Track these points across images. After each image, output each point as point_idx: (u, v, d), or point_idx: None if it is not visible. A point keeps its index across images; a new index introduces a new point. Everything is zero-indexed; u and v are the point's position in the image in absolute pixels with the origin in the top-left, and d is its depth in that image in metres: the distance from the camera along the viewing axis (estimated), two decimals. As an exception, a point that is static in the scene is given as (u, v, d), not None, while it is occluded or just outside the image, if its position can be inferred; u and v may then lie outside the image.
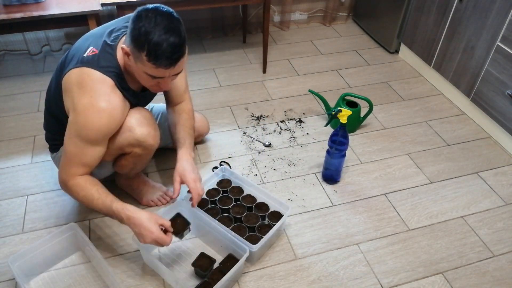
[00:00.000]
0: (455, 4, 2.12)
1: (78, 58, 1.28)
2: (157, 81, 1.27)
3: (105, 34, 1.32)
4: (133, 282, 1.42)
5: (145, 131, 1.38)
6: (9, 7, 1.95)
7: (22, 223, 1.59)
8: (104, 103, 1.25)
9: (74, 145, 1.29)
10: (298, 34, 2.91)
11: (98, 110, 1.24)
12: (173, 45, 1.16)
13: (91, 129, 1.26)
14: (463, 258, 1.52)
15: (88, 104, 1.24)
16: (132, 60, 1.24)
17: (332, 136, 1.67)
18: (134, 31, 1.17)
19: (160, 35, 1.15)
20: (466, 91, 2.16)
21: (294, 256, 1.51)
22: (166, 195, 1.67)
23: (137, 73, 1.27)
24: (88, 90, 1.24)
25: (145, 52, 1.16)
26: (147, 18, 1.16)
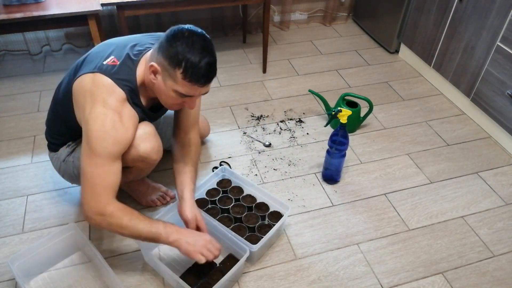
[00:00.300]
0: (455, 4, 2.12)
1: (96, 64, 1.26)
2: (183, 100, 1.27)
3: (128, 47, 1.31)
4: (133, 282, 1.42)
5: (149, 147, 1.37)
6: (9, 7, 1.95)
7: (22, 223, 1.59)
8: (115, 112, 1.23)
9: (95, 166, 1.22)
10: (298, 34, 2.91)
11: (112, 120, 1.22)
12: (210, 64, 1.20)
13: (108, 141, 1.22)
14: (463, 258, 1.53)
15: (101, 114, 1.21)
16: (160, 79, 1.23)
17: (332, 136, 1.67)
18: (170, 48, 1.18)
19: (198, 54, 1.17)
20: (466, 91, 2.16)
21: (294, 256, 1.51)
22: (166, 195, 1.67)
23: (163, 92, 1.26)
24: (100, 99, 1.22)
25: (181, 70, 1.18)
26: (184, 37, 1.18)
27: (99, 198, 1.23)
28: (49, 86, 2.31)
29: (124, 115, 1.25)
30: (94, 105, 1.22)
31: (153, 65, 1.22)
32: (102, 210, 1.22)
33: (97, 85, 1.23)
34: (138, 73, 1.28)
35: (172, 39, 1.18)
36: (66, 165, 1.49)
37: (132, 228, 1.24)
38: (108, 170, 1.24)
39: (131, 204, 1.66)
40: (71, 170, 1.49)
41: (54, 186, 1.74)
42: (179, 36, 1.18)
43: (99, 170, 1.23)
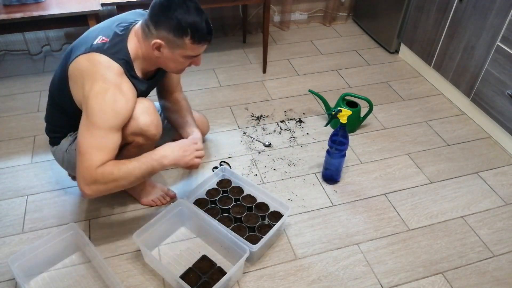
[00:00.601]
0: (455, 4, 2.12)
1: (86, 46, 1.29)
2: (190, 61, 1.36)
3: (113, 26, 1.35)
4: (133, 282, 1.42)
5: (148, 120, 1.38)
6: (9, 7, 1.95)
7: (22, 223, 1.59)
8: (116, 87, 1.26)
9: (91, 136, 1.25)
10: (298, 34, 2.91)
11: (113, 93, 1.25)
12: (208, 20, 1.30)
13: (109, 114, 1.25)
14: (463, 258, 1.53)
15: (101, 89, 1.24)
16: (166, 51, 1.30)
17: (332, 136, 1.67)
18: (170, 21, 1.24)
19: (196, 16, 1.26)
20: (466, 91, 2.16)
21: (294, 256, 1.51)
22: (167, 195, 1.67)
23: (171, 61, 1.34)
24: (98, 76, 1.25)
25: (189, 36, 1.26)
26: (178, 5, 1.23)
27: (92, 164, 1.24)
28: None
29: (124, 87, 1.29)
30: (93, 82, 1.24)
31: (157, 41, 1.27)
32: (94, 175, 1.24)
33: (94, 63, 1.26)
34: (130, 47, 1.32)
35: (168, 11, 1.23)
36: (69, 154, 1.51)
37: (125, 174, 1.28)
38: (106, 140, 1.27)
39: (131, 204, 1.67)
40: (74, 159, 1.50)
41: (54, 186, 1.74)
42: (173, 6, 1.23)
43: (97, 141, 1.25)
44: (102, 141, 1.26)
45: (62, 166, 1.60)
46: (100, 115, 1.25)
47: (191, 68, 2.49)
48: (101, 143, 1.26)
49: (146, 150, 1.46)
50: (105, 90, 1.24)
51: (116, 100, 1.26)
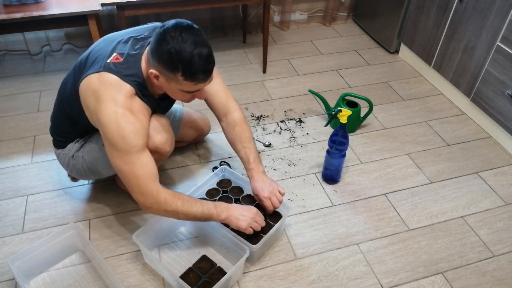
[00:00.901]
0: (455, 4, 2.12)
1: (101, 63, 1.26)
2: (193, 94, 1.30)
3: (129, 42, 1.32)
4: (133, 282, 1.42)
5: (163, 138, 1.40)
6: (9, 7, 1.95)
7: (22, 223, 1.59)
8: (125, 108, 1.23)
9: (129, 163, 1.25)
10: (298, 34, 2.91)
11: (126, 117, 1.23)
12: (206, 57, 1.18)
13: (131, 138, 1.23)
14: (463, 258, 1.53)
15: (113, 113, 1.22)
16: (163, 81, 1.24)
17: (332, 136, 1.67)
18: (163, 54, 1.17)
19: (191, 52, 1.16)
20: (466, 91, 2.16)
21: (294, 256, 1.51)
22: None
23: (170, 91, 1.29)
24: (108, 98, 1.22)
25: (180, 73, 1.18)
26: (173, 38, 1.16)
27: (147, 189, 1.27)
28: (49, 86, 2.31)
29: (134, 109, 1.26)
30: (104, 104, 1.23)
31: (153, 72, 1.22)
32: (156, 199, 1.27)
33: (104, 84, 1.23)
34: (143, 67, 1.29)
35: (161, 43, 1.17)
36: (75, 160, 1.51)
37: (187, 212, 1.31)
38: (143, 162, 1.27)
39: (131, 204, 1.66)
40: (80, 165, 1.51)
41: (54, 186, 1.74)
42: (167, 37, 1.16)
43: (135, 166, 1.26)
44: (140, 163, 1.26)
45: (66, 169, 1.59)
46: (121, 141, 1.23)
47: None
48: (141, 166, 1.26)
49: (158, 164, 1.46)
50: (116, 113, 1.22)
51: (131, 122, 1.24)
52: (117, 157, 1.26)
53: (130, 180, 1.27)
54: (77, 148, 1.50)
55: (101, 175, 1.56)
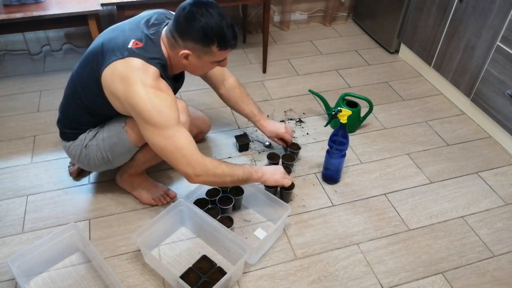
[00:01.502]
0: (455, 4, 2.12)
1: (121, 50, 1.30)
2: (219, 64, 1.41)
3: (142, 26, 1.37)
4: (133, 282, 1.42)
5: (185, 119, 1.43)
6: (9, 7, 1.95)
7: (22, 223, 1.59)
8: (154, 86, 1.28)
9: (169, 137, 1.30)
10: (298, 34, 2.91)
11: (157, 94, 1.28)
12: (232, 25, 1.31)
13: (166, 111, 1.29)
14: (463, 258, 1.53)
15: (144, 92, 1.27)
16: (193, 59, 1.34)
17: (332, 136, 1.67)
18: (197, 32, 1.26)
19: (220, 23, 1.27)
20: (466, 91, 2.16)
21: (294, 256, 1.51)
22: (167, 195, 1.67)
23: (199, 67, 1.39)
24: (137, 81, 1.27)
25: (216, 44, 1.29)
26: (202, 15, 1.26)
27: (194, 158, 1.33)
28: (49, 86, 2.31)
29: (162, 88, 1.32)
30: (134, 87, 1.27)
31: (185, 52, 1.31)
32: (204, 166, 1.35)
33: (132, 68, 1.28)
34: (163, 49, 1.35)
35: (192, 22, 1.26)
36: (89, 149, 1.51)
37: (232, 173, 1.41)
38: (182, 133, 1.33)
39: (131, 204, 1.66)
40: (94, 154, 1.51)
41: (54, 186, 1.74)
42: (197, 16, 1.25)
43: (176, 139, 1.31)
44: (180, 135, 1.32)
45: (76, 160, 1.57)
46: (159, 116, 1.28)
47: (191, 68, 2.49)
48: (182, 138, 1.32)
49: None
50: (147, 92, 1.27)
51: (163, 98, 1.29)
52: (156, 134, 1.30)
53: (174, 153, 1.32)
54: (90, 137, 1.50)
55: (113, 164, 1.56)
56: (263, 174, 1.51)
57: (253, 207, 1.65)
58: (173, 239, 1.55)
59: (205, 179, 1.37)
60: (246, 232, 1.57)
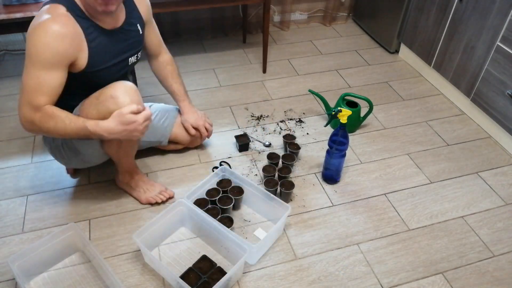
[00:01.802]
0: (455, 4, 2.12)
1: None
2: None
3: None
4: (133, 282, 1.42)
5: (128, 100, 1.32)
6: (9, 7, 1.94)
7: (22, 223, 1.59)
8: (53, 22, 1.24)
9: (29, 77, 1.26)
10: (298, 34, 2.91)
11: (46, 29, 1.24)
12: None
13: (42, 50, 1.24)
14: (463, 258, 1.53)
15: (36, 25, 1.24)
16: None
17: (332, 136, 1.67)
18: None
19: None
20: (466, 91, 2.16)
21: (294, 256, 1.51)
22: (166, 193, 1.67)
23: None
24: (38, 16, 1.26)
25: None
26: None
27: (28, 105, 1.27)
28: (49, 86, 2.31)
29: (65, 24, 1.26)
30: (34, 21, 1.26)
31: None
32: (30, 118, 1.28)
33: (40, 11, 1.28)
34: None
35: None
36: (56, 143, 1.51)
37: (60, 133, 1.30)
38: (42, 80, 1.26)
39: (131, 204, 1.66)
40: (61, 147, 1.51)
41: (54, 186, 1.74)
42: None
43: (33, 81, 1.26)
44: (38, 81, 1.26)
45: (55, 158, 1.58)
46: (34, 51, 1.24)
47: (191, 68, 2.50)
48: (38, 83, 1.26)
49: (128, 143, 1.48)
50: (42, 26, 1.24)
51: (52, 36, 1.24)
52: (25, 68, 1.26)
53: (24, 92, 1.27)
54: None
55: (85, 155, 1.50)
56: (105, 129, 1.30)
57: (253, 207, 1.65)
58: (173, 239, 1.55)
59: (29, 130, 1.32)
60: (246, 232, 1.57)
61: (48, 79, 1.27)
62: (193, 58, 2.59)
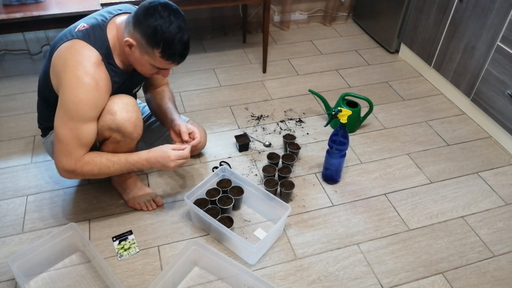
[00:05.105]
0: (455, 4, 2.12)
1: (69, 35, 1.32)
2: (158, 71, 1.36)
3: (97, 15, 1.37)
4: (133, 282, 1.42)
5: (126, 117, 1.37)
6: (9, 7, 1.95)
7: (22, 223, 1.59)
8: (89, 76, 1.26)
9: (67, 128, 1.30)
10: (298, 34, 2.91)
11: (84, 84, 1.26)
12: (186, 42, 1.27)
13: (80, 105, 1.28)
14: (463, 258, 1.52)
15: (73, 79, 1.26)
16: (136, 52, 1.29)
17: (332, 136, 1.67)
18: (147, 28, 1.23)
19: (175, 34, 1.24)
20: (466, 91, 2.16)
21: (294, 256, 1.51)
22: (154, 202, 1.65)
23: (139, 63, 1.33)
24: (74, 63, 1.26)
25: (159, 49, 1.25)
26: (161, 16, 1.22)
27: (70, 158, 1.33)
28: (49, 86, 2.31)
29: (98, 77, 1.29)
30: (69, 69, 1.26)
31: (128, 40, 1.27)
32: (72, 169, 1.34)
33: (72, 51, 1.27)
34: (110, 36, 1.32)
35: (149, 17, 1.22)
36: None
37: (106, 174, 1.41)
38: (80, 132, 1.31)
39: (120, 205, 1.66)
40: None
41: (54, 186, 1.74)
42: (156, 14, 1.22)
43: (72, 133, 1.30)
44: (77, 132, 1.31)
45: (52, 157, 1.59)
46: (73, 107, 1.27)
47: (191, 68, 2.49)
48: (77, 135, 1.31)
49: (124, 147, 1.47)
50: (79, 80, 1.25)
51: (89, 91, 1.27)
52: (61, 119, 1.30)
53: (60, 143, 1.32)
54: None
55: None
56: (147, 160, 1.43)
57: (253, 207, 1.65)
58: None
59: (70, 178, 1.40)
60: (246, 232, 1.57)
61: (86, 131, 1.33)
62: (193, 58, 2.59)
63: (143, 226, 1.58)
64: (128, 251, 1.49)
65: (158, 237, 1.55)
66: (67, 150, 1.32)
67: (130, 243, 1.52)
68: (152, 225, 1.59)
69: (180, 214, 1.63)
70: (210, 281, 1.42)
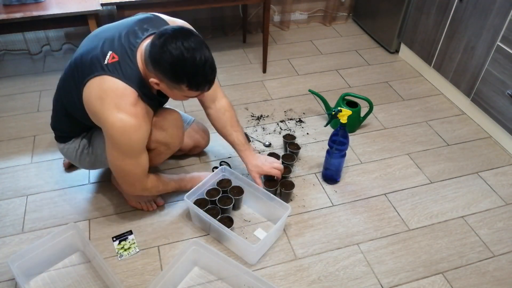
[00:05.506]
0: (455, 4, 2.12)
1: (97, 66, 1.25)
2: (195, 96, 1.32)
3: (122, 38, 1.30)
4: (133, 282, 1.42)
5: (175, 133, 1.46)
6: (9, 7, 1.95)
7: (22, 223, 1.59)
8: (132, 116, 1.25)
9: (126, 164, 1.36)
10: (298, 34, 2.91)
11: (131, 126, 1.26)
12: (210, 67, 1.21)
13: (132, 144, 1.31)
14: (463, 258, 1.52)
15: (117, 123, 1.24)
16: (165, 87, 1.26)
17: (332, 136, 1.67)
18: (165, 66, 1.17)
19: (195, 62, 1.17)
20: (466, 91, 2.16)
21: (294, 256, 1.51)
22: (155, 202, 1.65)
23: (171, 94, 1.30)
24: (112, 107, 1.23)
25: (185, 84, 1.21)
26: (175, 48, 1.15)
27: (141, 183, 1.44)
28: (49, 86, 2.31)
29: (139, 115, 1.28)
30: (109, 112, 1.24)
31: (153, 80, 1.24)
32: (143, 189, 1.47)
33: (107, 91, 1.24)
34: (140, 64, 1.28)
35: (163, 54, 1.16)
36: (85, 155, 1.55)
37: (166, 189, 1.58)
38: (138, 162, 1.38)
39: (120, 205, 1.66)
40: (93, 158, 1.55)
41: (54, 186, 1.74)
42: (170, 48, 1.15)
43: (131, 166, 1.37)
44: (136, 164, 1.37)
45: (73, 161, 1.59)
46: (127, 147, 1.31)
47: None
48: (137, 166, 1.38)
49: (162, 158, 1.55)
50: (122, 121, 1.24)
51: (136, 130, 1.27)
52: (118, 159, 1.34)
53: (123, 176, 1.42)
54: (85, 144, 1.53)
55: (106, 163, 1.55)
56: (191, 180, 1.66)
57: (253, 207, 1.65)
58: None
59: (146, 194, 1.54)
60: (246, 232, 1.57)
61: (144, 161, 1.39)
62: (193, 58, 2.59)
63: (143, 226, 1.59)
64: (128, 251, 1.50)
65: (158, 237, 1.55)
66: (132, 181, 1.43)
67: (130, 243, 1.52)
68: (152, 225, 1.59)
69: (180, 214, 1.63)
70: (210, 281, 1.42)
